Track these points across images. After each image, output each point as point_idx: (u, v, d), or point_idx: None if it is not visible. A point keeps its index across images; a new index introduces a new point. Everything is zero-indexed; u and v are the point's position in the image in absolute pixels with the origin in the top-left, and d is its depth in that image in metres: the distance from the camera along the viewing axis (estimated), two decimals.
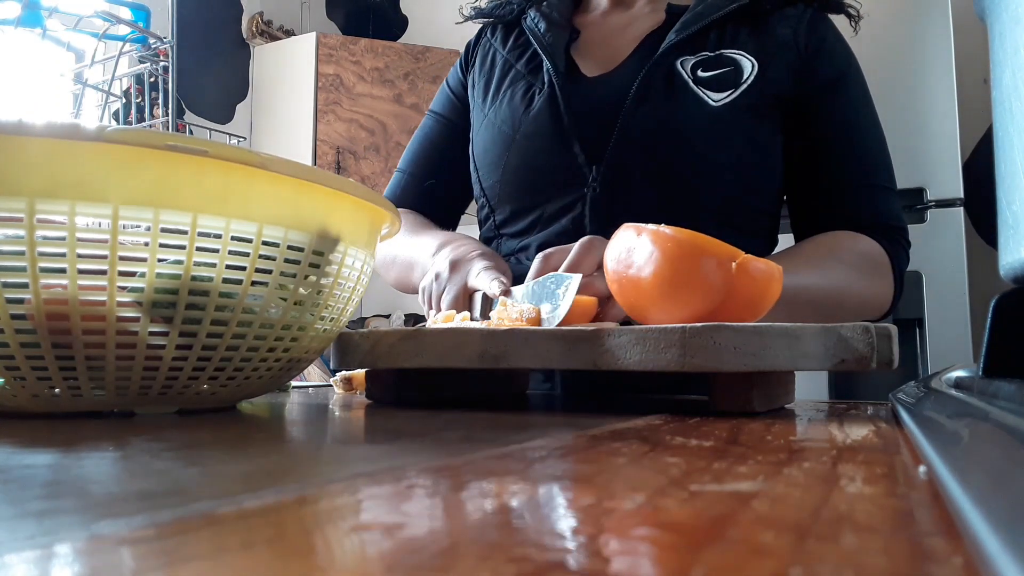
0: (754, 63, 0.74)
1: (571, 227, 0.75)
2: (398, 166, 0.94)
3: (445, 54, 2.85)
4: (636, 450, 0.28)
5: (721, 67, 0.74)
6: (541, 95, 0.78)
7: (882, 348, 0.42)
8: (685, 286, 0.45)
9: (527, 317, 0.51)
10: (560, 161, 0.76)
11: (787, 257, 0.70)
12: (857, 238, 0.74)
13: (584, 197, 0.74)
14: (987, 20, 0.35)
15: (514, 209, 0.80)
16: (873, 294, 0.73)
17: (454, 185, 0.90)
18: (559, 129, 0.76)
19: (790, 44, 0.76)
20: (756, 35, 0.76)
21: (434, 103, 0.94)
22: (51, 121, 0.35)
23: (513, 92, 0.81)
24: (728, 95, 0.73)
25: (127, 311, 0.39)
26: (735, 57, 0.75)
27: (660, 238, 0.46)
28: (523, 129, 0.78)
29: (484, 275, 0.62)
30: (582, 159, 0.75)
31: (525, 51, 0.84)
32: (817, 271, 0.69)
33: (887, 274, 0.74)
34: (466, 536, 0.15)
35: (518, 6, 0.88)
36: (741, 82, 0.73)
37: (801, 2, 0.79)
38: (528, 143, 0.77)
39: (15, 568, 0.13)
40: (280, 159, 0.40)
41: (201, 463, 0.25)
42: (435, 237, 0.78)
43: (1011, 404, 0.23)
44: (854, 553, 0.14)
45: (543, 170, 0.77)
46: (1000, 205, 0.32)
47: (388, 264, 0.85)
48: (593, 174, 0.74)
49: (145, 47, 1.94)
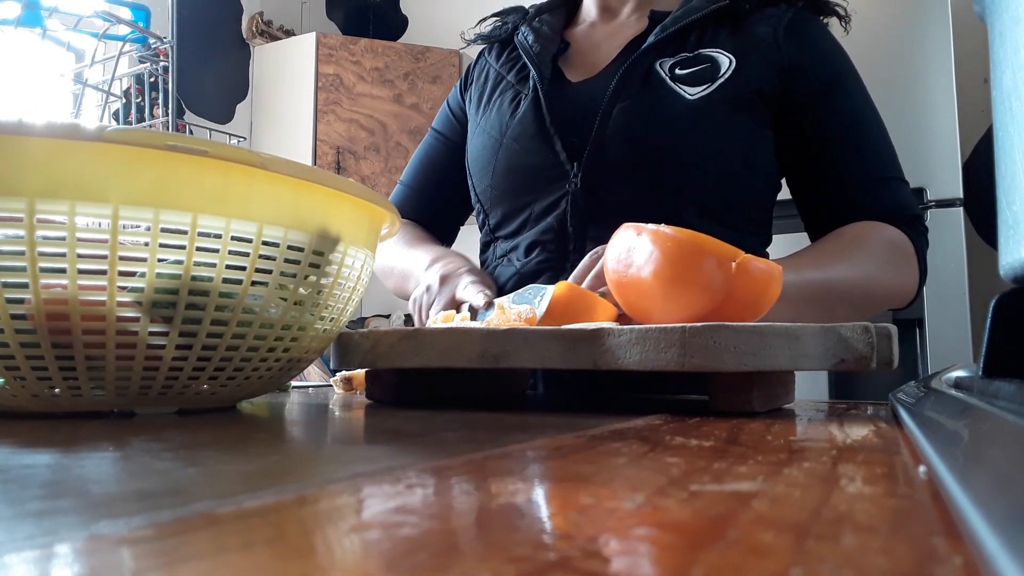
0: (731, 59, 0.75)
1: (555, 225, 0.77)
2: (401, 179, 0.99)
3: (445, 54, 2.85)
4: (636, 450, 0.28)
5: (698, 64, 0.76)
6: (527, 100, 0.81)
7: (882, 348, 0.42)
8: (685, 285, 0.45)
9: (525, 317, 0.52)
10: (544, 161, 0.78)
11: (815, 253, 0.71)
12: (882, 227, 0.74)
13: (567, 195, 0.76)
14: (987, 20, 0.35)
15: (505, 211, 0.83)
16: (901, 283, 0.74)
17: (452, 200, 0.95)
18: (542, 130, 0.78)
19: (769, 42, 0.76)
20: (735, 35, 0.77)
21: (436, 120, 0.98)
22: (51, 121, 0.35)
23: (502, 100, 0.85)
24: (704, 89, 0.74)
25: (127, 311, 0.39)
26: (712, 55, 0.76)
27: (660, 238, 0.46)
28: (509, 133, 0.81)
29: (470, 288, 0.68)
30: (564, 157, 0.77)
31: (515, 64, 0.87)
32: (845, 263, 0.70)
33: (912, 261, 0.75)
34: (466, 536, 0.15)
35: (512, 24, 0.92)
36: (717, 77, 0.75)
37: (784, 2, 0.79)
38: (514, 145, 0.81)
39: (15, 568, 0.13)
40: (280, 159, 0.40)
41: (201, 463, 0.25)
42: (429, 252, 0.83)
43: (1011, 404, 0.23)
44: (854, 553, 0.14)
45: (529, 170, 0.80)
46: (1000, 205, 0.32)
47: (387, 273, 0.91)
48: (574, 171, 0.76)
49: (145, 47, 1.94)
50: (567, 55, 0.86)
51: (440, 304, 0.71)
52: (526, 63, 0.84)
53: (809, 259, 0.70)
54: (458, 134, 0.94)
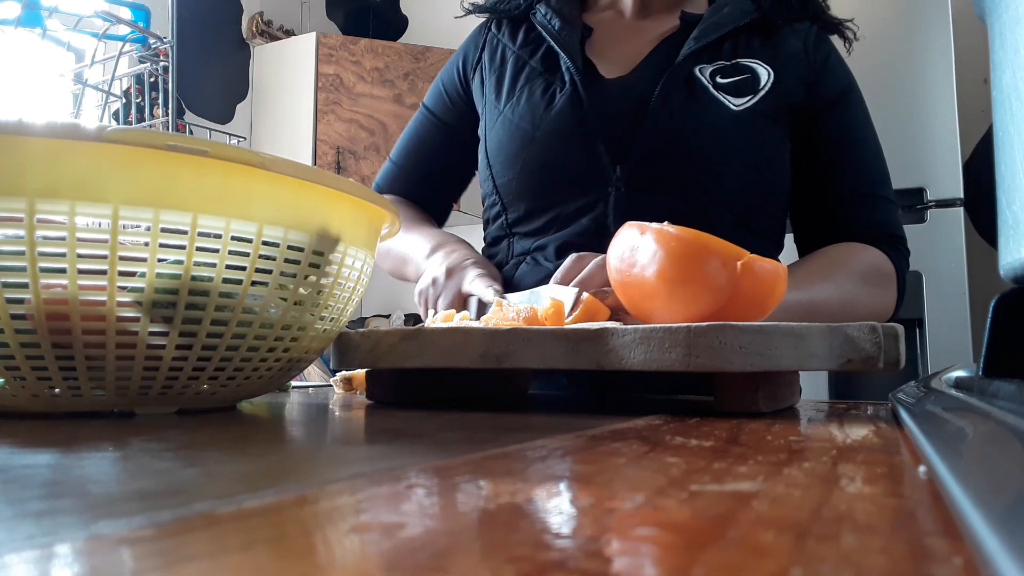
0: (770, 71, 0.76)
1: (592, 227, 0.75)
2: (390, 155, 0.96)
3: (445, 54, 2.85)
4: (636, 450, 0.28)
5: (739, 74, 0.76)
6: (563, 94, 0.78)
7: (889, 348, 0.42)
8: (689, 285, 0.45)
9: (524, 316, 0.51)
10: (583, 160, 0.76)
11: (801, 270, 0.72)
12: (866, 250, 0.76)
13: (607, 197, 0.75)
14: (987, 20, 0.34)
15: (529, 208, 0.80)
16: (881, 303, 0.76)
17: (445, 180, 0.94)
18: (583, 129, 0.76)
19: (800, 56, 0.78)
20: (768, 46, 0.78)
21: (427, 97, 0.95)
22: (51, 121, 0.35)
23: (531, 89, 0.81)
24: (748, 100, 0.75)
25: (127, 311, 0.39)
26: (751, 65, 0.77)
27: (664, 237, 0.46)
28: (544, 127, 0.78)
29: (478, 282, 0.68)
30: (607, 159, 0.75)
31: (538, 47, 0.83)
32: (831, 284, 0.72)
33: (892, 283, 0.78)
34: (466, 536, 0.15)
35: (525, 1, 0.87)
36: (759, 88, 0.76)
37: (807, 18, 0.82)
38: (549, 141, 0.77)
39: (15, 568, 0.13)
40: (280, 159, 0.40)
41: (201, 463, 0.25)
42: (428, 238, 0.82)
43: (1011, 404, 0.23)
44: (854, 553, 0.14)
45: (564, 169, 0.77)
46: (1000, 205, 0.32)
47: (383, 255, 0.89)
48: (617, 174, 0.75)
49: (145, 47, 1.94)
50: (592, 43, 0.83)
51: (447, 298, 0.70)
52: (551, 49, 0.81)
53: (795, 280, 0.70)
54: (452, 115, 0.91)
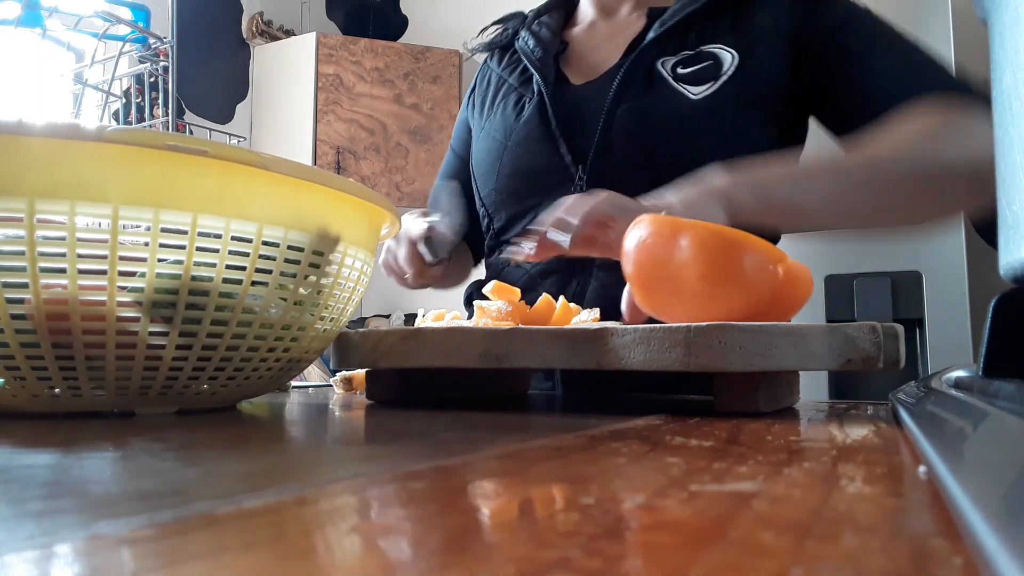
0: (734, 54, 0.74)
1: None
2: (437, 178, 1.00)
3: (445, 54, 2.85)
4: (636, 450, 0.28)
5: (700, 62, 0.75)
6: (531, 103, 0.81)
7: (889, 348, 0.41)
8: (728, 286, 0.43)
9: (504, 312, 0.51)
10: (549, 163, 0.78)
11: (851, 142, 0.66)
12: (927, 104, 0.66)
13: None
14: (987, 20, 0.34)
15: (510, 215, 0.83)
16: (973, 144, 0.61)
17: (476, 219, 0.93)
18: (547, 132, 0.79)
19: (770, 30, 0.75)
20: (736, 28, 0.76)
21: (453, 137, 0.99)
22: (51, 121, 0.35)
23: (505, 104, 0.85)
24: (708, 87, 0.73)
25: (127, 311, 0.39)
26: (714, 51, 0.75)
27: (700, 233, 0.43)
28: (514, 136, 0.81)
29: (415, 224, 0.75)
30: (569, 159, 0.77)
31: (517, 67, 0.88)
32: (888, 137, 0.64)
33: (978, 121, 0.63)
34: (466, 536, 0.15)
35: (512, 29, 0.92)
36: (721, 74, 0.74)
37: None
38: (519, 148, 0.81)
39: (15, 568, 0.13)
40: (280, 159, 0.40)
41: (201, 463, 0.25)
42: None
43: (1011, 404, 0.23)
44: (854, 553, 0.14)
45: (534, 173, 0.80)
46: (1000, 205, 0.32)
47: None
48: (579, 173, 0.76)
49: (145, 47, 1.94)
50: (567, 56, 0.86)
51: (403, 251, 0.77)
52: (527, 66, 0.85)
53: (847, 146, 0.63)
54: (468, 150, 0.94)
